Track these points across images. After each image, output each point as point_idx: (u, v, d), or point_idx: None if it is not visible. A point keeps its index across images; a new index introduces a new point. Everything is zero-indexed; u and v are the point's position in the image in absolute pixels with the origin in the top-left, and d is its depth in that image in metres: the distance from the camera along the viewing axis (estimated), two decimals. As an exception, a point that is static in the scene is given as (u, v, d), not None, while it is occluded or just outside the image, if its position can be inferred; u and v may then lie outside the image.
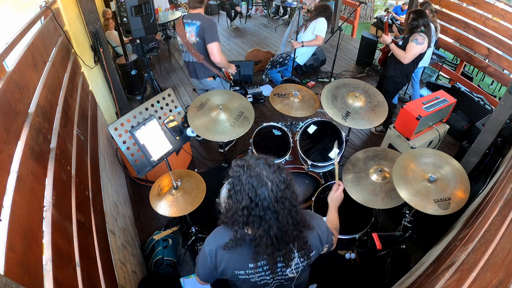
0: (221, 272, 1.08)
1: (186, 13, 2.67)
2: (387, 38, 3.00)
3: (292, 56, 3.86)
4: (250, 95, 4.13)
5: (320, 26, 3.76)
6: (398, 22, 4.02)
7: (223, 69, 2.82)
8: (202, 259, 1.09)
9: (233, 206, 0.98)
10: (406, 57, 2.83)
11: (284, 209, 0.96)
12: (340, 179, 1.55)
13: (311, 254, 1.09)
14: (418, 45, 2.75)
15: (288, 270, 1.09)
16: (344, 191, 1.71)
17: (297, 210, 1.01)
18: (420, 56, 2.89)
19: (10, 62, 1.30)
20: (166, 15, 5.66)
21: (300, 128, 2.30)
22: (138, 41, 3.53)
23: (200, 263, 1.11)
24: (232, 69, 2.84)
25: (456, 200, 1.56)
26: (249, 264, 1.06)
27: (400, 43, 2.96)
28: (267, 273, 1.10)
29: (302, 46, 3.72)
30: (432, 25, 3.24)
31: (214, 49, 2.50)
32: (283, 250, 1.02)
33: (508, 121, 2.18)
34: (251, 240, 1.01)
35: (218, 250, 1.05)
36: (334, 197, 1.43)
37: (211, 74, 2.78)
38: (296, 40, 3.73)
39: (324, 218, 1.39)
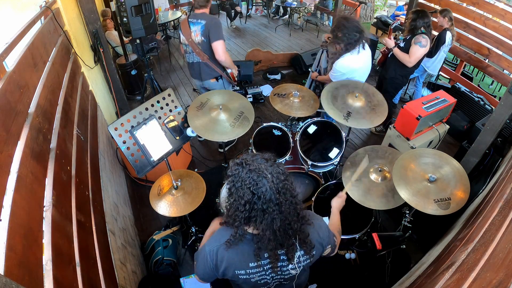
0: (223, 273, 1.09)
1: (191, 13, 2.67)
2: (390, 42, 2.98)
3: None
4: (250, 95, 4.13)
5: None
6: (398, 22, 4.02)
7: (228, 70, 2.81)
8: (202, 258, 1.09)
9: (234, 203, 0.99)
10: (410, 61, 2.84)
11: (286, 200, 0.98)
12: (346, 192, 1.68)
13: (312, 252, 1.10)
14: (422, 48, 2.76)
15: (290, 266, 1.09)
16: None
17: (297, 201, 1.03)
18: (421, 57, 2.90)
19: (10, 62, 1.30)
20: (166, 15, 5.67)
21: (300, 128, 2.30)
22: (138, 41, 3.53)
23: (200, 262, 1.11)
24: (235, 70, 2.84)
25: (456, 200, 1.56)
26: (250, 263, 1.06)
27: (402, 44, 2.96)
28: (267, 272, 1.10)
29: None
30: (449, 33, 3.32)
31: (219, 47, 2.50)
32: (285, 244, 1.03)
33: (508, 121, 2.17)
34: (254, 235, 1.02)
35: (219, 249, 1.05)
36: (337, 202, 1.55)
37: (215, 75, 2.77)
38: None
39: (325, 219, 1.40)
